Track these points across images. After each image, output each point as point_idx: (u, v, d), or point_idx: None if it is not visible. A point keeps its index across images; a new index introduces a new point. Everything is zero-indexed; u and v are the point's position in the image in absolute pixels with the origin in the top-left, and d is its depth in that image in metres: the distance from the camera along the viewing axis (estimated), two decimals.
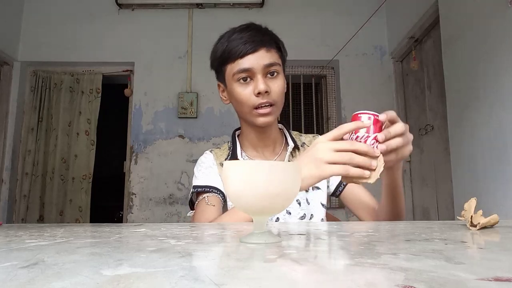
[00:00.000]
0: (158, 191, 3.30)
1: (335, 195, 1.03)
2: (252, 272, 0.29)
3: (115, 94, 3.69)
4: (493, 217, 0.56)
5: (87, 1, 3.59)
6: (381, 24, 3.49)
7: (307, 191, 0.98)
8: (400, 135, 0.70)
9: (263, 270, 0.29)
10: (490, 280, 0.24)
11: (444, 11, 2.43)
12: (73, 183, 3.35)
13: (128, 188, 3.33)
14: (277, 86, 0.91)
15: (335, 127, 0.70)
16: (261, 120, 0.91)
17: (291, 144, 1.00)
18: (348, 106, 3.43)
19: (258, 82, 0.88)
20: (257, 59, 0.89)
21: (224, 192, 0.97)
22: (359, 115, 0.68)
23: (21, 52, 3.50)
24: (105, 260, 0.33)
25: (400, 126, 0.70)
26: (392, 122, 0.71)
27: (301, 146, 1.05)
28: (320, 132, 3.46)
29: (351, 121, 0.69)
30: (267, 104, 0.90)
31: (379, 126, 0.67)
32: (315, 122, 3.51)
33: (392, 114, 0.71)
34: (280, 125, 1.07)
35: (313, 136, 1.09)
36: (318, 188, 0.99)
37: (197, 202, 0.98)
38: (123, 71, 3.54)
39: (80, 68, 3.52)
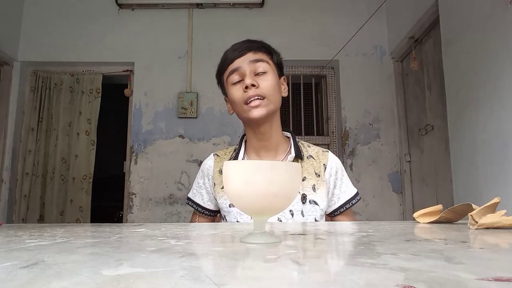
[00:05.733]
0: (158, 191, 3.30)
1: (331, 215, 1.04)
2: (252, 272, 0.29)
3: (115, 94, 3.69)
4: (499, 221, 0.55)
5: (87, 1, 3.59)
6: (381, 24, 3.49)
7: (304, 203, 0.97)
8: None
9: (263, 270, 0.29)
10: (490, 280, 0.24)
11: (444, 11, 2.43)
12: (73, 183, 3.35)
13: (128, 188, 3.33)
14: (266, 81, 0.95)
15: (335, 127, 0.70)
16: (253, 113, 0.94)
17: (293, 154, 1.00)
18: (348, 106, 3.43)
19: (246, 77, 0.94)
20: (244, 59, 0.96)
21: (211, 208, 1.06)
22: None
23: (21, 52, 3.50)
24: (105, 260, 0.33)
25: None
26: None
27: (307, 158, 1.04)
28: (320, 132, 3.46)
29: None
30: (257, 97, 0.93)
31: None
32: (315, 122, 3.51)
33: None
34: (287, 133, 1.08)
35: (323, 151, 1.07)
36: (316, 203, 0.98)
37: (192, 212, 1.11)
38: (123, 71, 3.54)
39: (80, 68, 3.52)
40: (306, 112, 3.51)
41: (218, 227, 0.64)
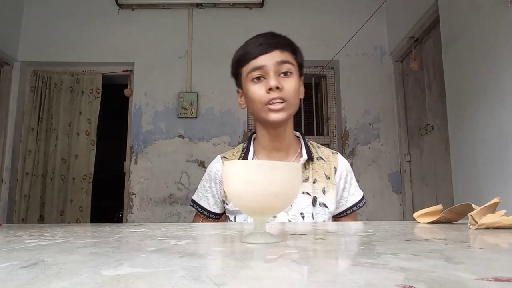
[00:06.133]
0: (158, 191, 3.30)
1: (336, 216, 1.03)
2: (252, 272, 0.29)
3: (115, 94, 3.69)
4: (499, 221, 0.55)
5: (87, 1, 3.59)
6: (381, 24, 3.49)
7: (314, 205, 0.96)
8: None
9: (263, 270, 0.29)
10: (490, 280, 0.24)
11: (444, 11, 2.43)
12: (73, 183, 3.35)
13: (128, 188, 3.33)
14: (291, 84, 0.92)
15: (335, 127, 0.70)
16: (273, 116, 0.91)
17: (305, 156, 0.98)
18: (348, 106, 3.43)
19: (270, 78, 0.90)
20: (270, 58, 0.91)
21: (216, 211, 1.03)
22: None
23: (21, 52, 3.50)
24: (105, 260, 0.33)
25: None
26: None
27: (317, 159, 1.02)
28: (320, 132, 3.46)
29: None
30: (279, 100, 0.90)
31: None
32: (315, 122, 3.51)
33: None
34: (297, 133, 1.06)
35: (333, 153, 1.06)
36: (326, 206, 0.97)
37: (195, 213, 1.08)
38: (123, 71, 3.54)
39: (80, 68, 3.52)
40: (306, 112, 3.51)
41: (218, 227, 0.64)
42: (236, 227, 0.64)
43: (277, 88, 0.89)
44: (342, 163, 1.04)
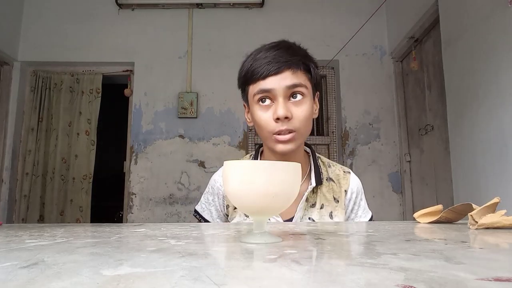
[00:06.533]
0: (158, 191, 3.30)
1: None
2: (252, 272, 0.29)
3: (115, 94, 3.69)
4: (499, 221, 0.55)
5: (87, 1, 3.59)
6: (381, 24, 3.49)
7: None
8: None
9: (263, 270, 0.29)
10: (490, 280, 0.24)
11: (444, 11, 2.43)
12: (73, 183, 3.35)
13: (128, 188, 3.33)
14: (302, 111, 0.82)
15: (335, 127, 0.70)
16: (280, 147, 0.83)
17: (313, 184, 0.91)
18: (348, 106, 3.43)
19: (278, 106, 0.80)
20: (279, 81, 0.81)
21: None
22: None
23: (21, 52, 3.50)
24: (105, 260, 0.33)
25: None
26: None
27: (327, 180, 0.94)
28: (320, 132, 3.46)
29: None
30: (288, 132, 0.82)
31: None
32: (315, 122, 3.51)
33: None
34: (308, 149, 0.98)
35: (344, 172, 0.98)
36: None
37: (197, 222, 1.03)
38: (123, 71, 3.54)
39: (80, 68, 3.52)
40: None
41: (218, 227, 0.64)
42: (236, 227, 0.64)
43: (286, 118, 0.80)
44: (353, 185, 0.97)
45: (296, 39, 0.92)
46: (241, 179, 0.45)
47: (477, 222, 0.56)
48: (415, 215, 0.69)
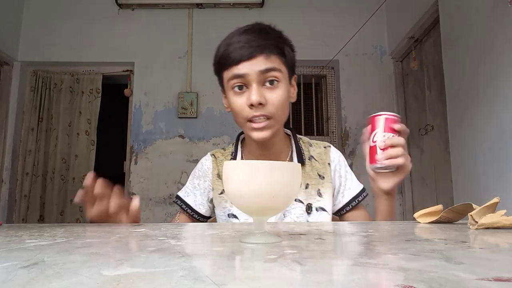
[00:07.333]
0: (158, 191, 3.30)
1: (339, 213, 0.97)
2: (252, 272, 0.29)
3: (115, 94, 3.69)
4: (499, 221, 0.55)
5: (87, 1, 3.59)
6: (381, 24, 3.49)
7: (310, 213, 0.89)
8: (401, 146, 0.82)
9: (263, 270, 0.29)
10: (490, 280, 0.24)
11: (444, 11, 2.43)
12: (73, 183, 3.35)
13: (128, 188, 3.33)
14: (276, 96, 0.81)
15: (335, 127, 0.70)
16: (255, 135, 0.83)
17: (295, 162, 0.90)
18: (348, 106, 3.43)
19: (252, 91, 0.79)
20: (252, 66, 0.79)
21: (201, 212, 0.95)
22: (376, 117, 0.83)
23: (21, 52, 3.50)
24: (105, 260, 0.32)
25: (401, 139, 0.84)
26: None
27: (308, 159, 0.94)
28: (320, 132, 3.46)
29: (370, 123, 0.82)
30: (262, 118, 0.81)
31: (389, 126, 0.85)
32: (315, 122, 3.51)
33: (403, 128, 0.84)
34: (288, 131, 0.97)
35: (325, 147, 0.98)
36: (324, 209, 0.91)
37: (178, 212, 0.99)
38: (123, 71, 3.54)
39: (80, 68, 3.52)
40: (306, 112, 3.51)
41: (218, 227, 0.64)
42: (236, 227, 0.64)
43: (260, 103, 0.79)
44: (334, 156, 0.96)
45: (296, 39, 0.92)
46: (241, 179, 0.45)
47: (477, 222, 0.56)
48: (415, 215, 0.69)
